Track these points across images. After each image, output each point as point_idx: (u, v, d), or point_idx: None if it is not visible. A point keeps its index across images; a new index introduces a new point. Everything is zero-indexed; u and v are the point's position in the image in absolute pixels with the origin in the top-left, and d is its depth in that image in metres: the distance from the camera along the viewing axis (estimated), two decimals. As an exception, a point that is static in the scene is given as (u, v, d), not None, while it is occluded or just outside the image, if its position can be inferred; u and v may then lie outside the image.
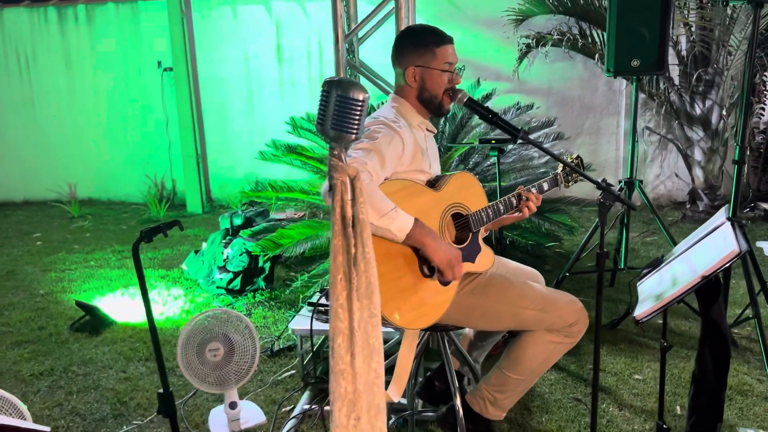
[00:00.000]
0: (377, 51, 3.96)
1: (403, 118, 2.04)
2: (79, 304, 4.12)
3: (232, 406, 2.95)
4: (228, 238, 5.00)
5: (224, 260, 4.76)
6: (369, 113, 1.95)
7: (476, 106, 2.02)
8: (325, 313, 3.38)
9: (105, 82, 8.15)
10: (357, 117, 1.03)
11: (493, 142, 3.38)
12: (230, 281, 4.58)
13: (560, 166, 2.40)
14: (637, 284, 2.08)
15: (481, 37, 7.05)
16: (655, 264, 2.14)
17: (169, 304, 4.48)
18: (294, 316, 3.74)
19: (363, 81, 2.68)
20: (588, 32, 6.18)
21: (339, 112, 1.02)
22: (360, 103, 1.02)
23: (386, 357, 2.86)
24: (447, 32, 2.09)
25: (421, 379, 2.64)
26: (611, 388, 3.09)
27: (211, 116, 8.02)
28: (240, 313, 2.96)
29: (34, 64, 8.28)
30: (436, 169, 2.16)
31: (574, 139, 7.02)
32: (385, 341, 3.16)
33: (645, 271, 2.08)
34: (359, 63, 3.34)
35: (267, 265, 4.68)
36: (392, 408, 2.88)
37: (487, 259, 2.08)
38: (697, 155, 6.18)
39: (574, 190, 5.21)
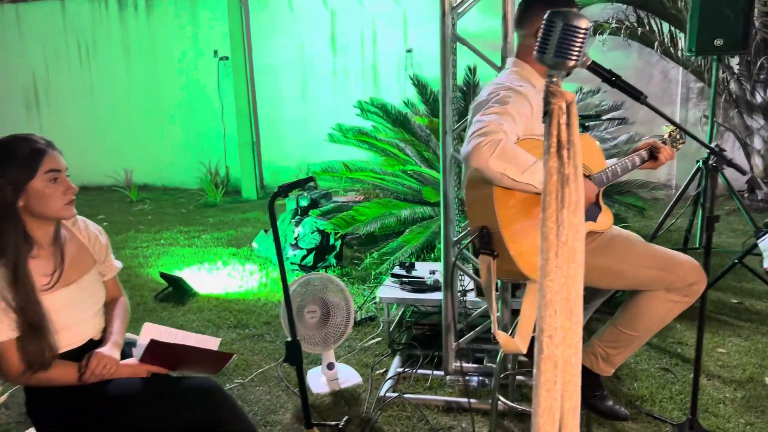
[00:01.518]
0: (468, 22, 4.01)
1: (527, 81, 2.12)
2: (163, 275, 4.29)
3: (330, 366, 3.07)
4: (297, 217, 5.14)
5: (295, 238, 4.90)
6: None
7: (599, 68, 2.09)
8: (409, 283, 3.50)
9: (162, 70, 8.37)
10: (579, 44, 1.13)
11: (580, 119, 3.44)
12: (303, 257, 4.71)
13: (667, 131, 2.47)
14: (758, 241, 2.14)
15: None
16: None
17: (246, 278, 4.63)
18: (378, 287, 3.87)
19: (466, 53, 2.76)
20: (646, 21, 6.20)
21: (563, 40, 1.12)
22: (584, 31, 1.12)
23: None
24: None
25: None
26: (697, 359, 3.15)
27: (264, 105, 8.18)
28: (334, 276, 3.07)
29: (94, 53, 8.54)
30: None
31: (628, 128, 7.03)
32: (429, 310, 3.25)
33: (764, 230, 2.14)
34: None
35: (338, 243, 4.80)
36: (484, 371, 2.98)
37: (607, 218, 2.16)
38: (757, 144, 6.16)
39: (639, 174, 5.25)
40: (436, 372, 3.05)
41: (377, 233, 4.74)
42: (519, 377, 2.87)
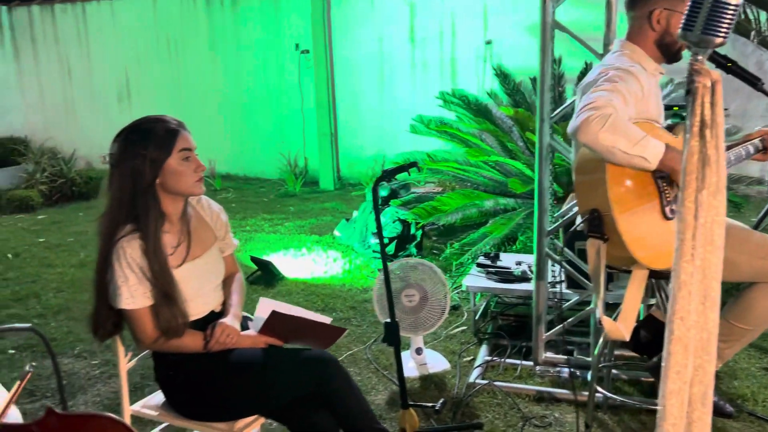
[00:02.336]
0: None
1: (637, 63, 2.09)
2: (254, 259, 4.46)
3: (418, 351, 3.13)
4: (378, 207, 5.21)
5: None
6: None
7: (716, 55, 2.04)
8: (495, 273, 3.50)
9: (245, 63, 8.63)
10: (729, 20, 1.12)
11: (676, 109, 3.35)
12: (385, 246, 4.78)
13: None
14: None
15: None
16: None
17: (330, 264, 4.75)
18: (459, 277, 3.89)
19: (565, 40, 2.74)
20: (741, 9, 5.92)
21: (712, 16, 1.11)
22: (734, 8, 1.11)
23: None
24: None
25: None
26: (802, 360, 3.01)
27: (342, 97, 8.31)
28: (432, 263, 3.11)
29: (182, 47, 8.90)
30: (662, 120, 2.20)
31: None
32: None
33: None
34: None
35: (418, 233, 4.84)
36: (575, 362, 2.95)
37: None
38: None
39: (732, 169, 5.03)
40: (525, 362, 3.04)
41: (458, 224, 4.76)
42: (613, 371, 2.83)
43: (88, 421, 0.68)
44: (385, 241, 4.82)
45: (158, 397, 1.95)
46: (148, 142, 1.74)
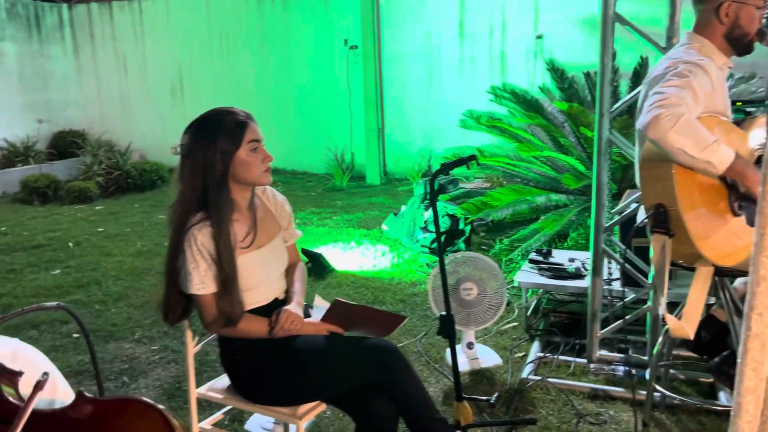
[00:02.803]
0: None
1: (706, 57, 2.04)
2: (305, 251, 4.53)
3: (470, 346, 3.13)
4: (426, 202, 5.22)
5: (425, 222, 4.98)
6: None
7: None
8: (548, 269, 3.47)
9: (294, 59, 8.75)
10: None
11: (739, 104, 3.25)
12: (433, 241, 4.79)
13: None
14: None
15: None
16: None
17: (378, 258, 4.78)
18: (509, 273, 3.88)
19: (619, 35, 2.69)
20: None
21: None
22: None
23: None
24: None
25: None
26: None
27: (390, 92, 8.34)
28: (488, 257, 3.12)
29: (234, 43, 9.08)
30: (729, 114, 2.15)
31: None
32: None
33: None
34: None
35: (467, 229, 4.83)
36: (631, 361, 2.91)
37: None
38: None
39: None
40: (578, 359, 3.01)
41: (508, 220, 4.73)
42: (671, 370, 2.78)
43: (120, 406, 0.69)
44: (433, 236, 4.82)
45: (223, 380, 2.01)
46: (218, 133, 1.79)
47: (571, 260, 3.54)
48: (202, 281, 1.77)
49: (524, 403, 2.70)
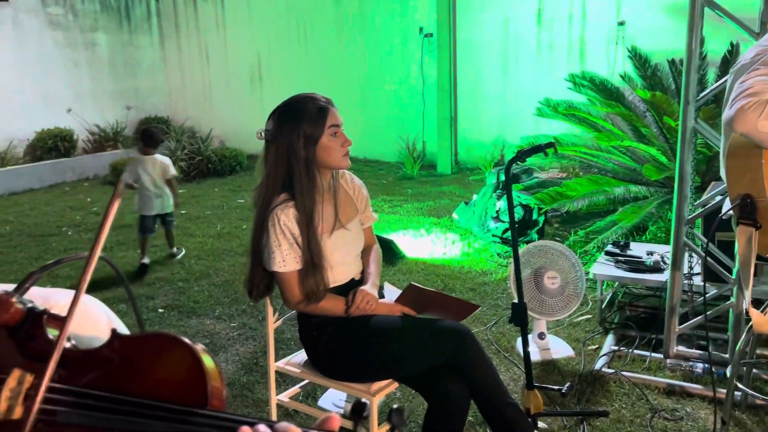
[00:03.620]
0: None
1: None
2: (377, 237, 4.60)
3: (541, 336, 3.11)
4: (498, 191, 5.18)
5: (497, 211, 4.95)
6: None
7: None
8: (625, 262, 3.39)
9: (369, 47, 8.83)
10: None
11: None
12: (505, 230, 4.76)
13: None
14: None
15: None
16: None
17: (449, 246, 4.80)
18: (584, 265, 3.81)
19: (707, 21, 2.58)
20: None
21: None
22: None
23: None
24: None
25: None
26: None
27: (464, 81, 8.28)
28: (568, 247, 3.09)
29: (311, 32, 9.25)
30: None
31: None
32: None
33: None
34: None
35: (540, 219, 4.77)
36: (715, 359, 2.82)
37: None
38: None
39: None
40: (654, 354, 2.94)
41: (584, 211, 4.64)
42: (753, 369, 2.68)
43: (148, 340, 0.73)
44: (505, 225, 4.79)
45: (301, 356, 2.10)
46: (301, 119, 1.86)
47: (650, 253, 3.44)
48: (283, 259, 1.85)
49: (596, 395, 2.67)
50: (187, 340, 0.71)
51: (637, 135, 4.80)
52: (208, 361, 0.69)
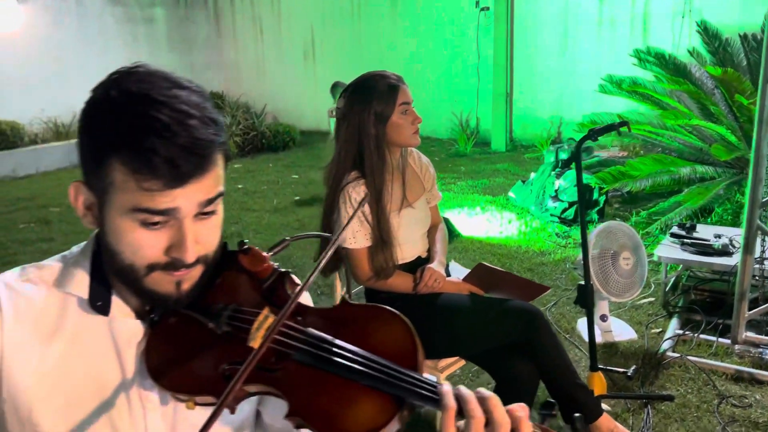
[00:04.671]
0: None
1: None
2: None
3: (603, 318, 3.07)
4: (557, 170, 5.09)
5: (555, 190, 4.87)
6: None
7: None
8: (692, 245, 3.29)
9: (424, 22, 8.72)
10: None
11: None
12: (564, 210, 4.69)
13: None
14: None
15: None
16: None
17: (505, 225, 4.76)
18: (648, 247, 3.73)
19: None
20: None
21: None
22: None
23: None
24: None
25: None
26: None
27: (520, 56, 8.11)
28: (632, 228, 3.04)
29: (365, 8, 9.20)
30: None
31: None
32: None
33: None
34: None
35: (601, 199, 4.67)
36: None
37: None
38: None
39: None
40: (721, 339, 2.87)
41: (647, 191, 4.51)
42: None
43: (371, 310, 0.82)
44: (564, 205, 4.71)
45: (367, 331, 2.13)
46: (372, 97, 1.86)
47: (717, 236, 3.33)
48: (353, 236, 1.88)
49: (660, 379, 2.63)
50: (404, 317, 0.80)
51: (705, 113, 4.62)
52: (417, 337, 0.78)
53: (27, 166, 7.67)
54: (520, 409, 0.71)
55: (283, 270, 0.86)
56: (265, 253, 0.86)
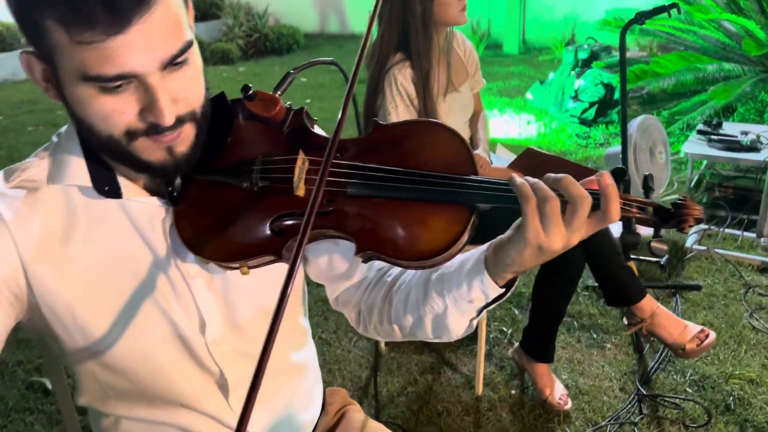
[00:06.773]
0: None
1: None
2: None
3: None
4: (578, 69, 4.96)
5: (575, 90, 4.77)
6: None
7: None
8: (719, 141, 3.26)
9: None
10: None
11: None
12: (584, 110, 4.61)
13: None
14: None
15: None
16: None
17: (524, 126, 4.70)
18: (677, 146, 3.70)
19: None
20: None
21: None
22: None
23: None
24: None
25: None
26: None
27: (535, -48, 7.74)
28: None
29: None
30: None
31: None
32: None
33: None
34: None
35: (622, 99, 4.58)
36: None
37: None
38: None
39: None
40: (747, 233, 2.90)
41: (669, 91, 4.43)
42: None
43: (412, 126, 0.76)
44: (585, 105, 4.63)
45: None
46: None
47: (744, 133, 3.29)
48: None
49: (687, 270, 2.67)
50: (446, 125, 0.75)
51: (733, 7, 4.44)
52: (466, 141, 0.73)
53: (27, 70, 7.46)
54: (604, 176, 0.66)
55: (296, 108, 0.79)
56: (273, 94, 0.77)
